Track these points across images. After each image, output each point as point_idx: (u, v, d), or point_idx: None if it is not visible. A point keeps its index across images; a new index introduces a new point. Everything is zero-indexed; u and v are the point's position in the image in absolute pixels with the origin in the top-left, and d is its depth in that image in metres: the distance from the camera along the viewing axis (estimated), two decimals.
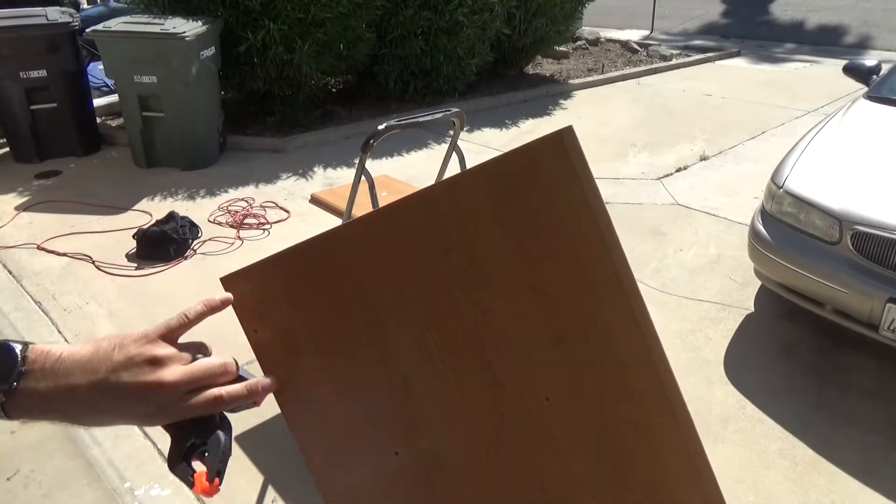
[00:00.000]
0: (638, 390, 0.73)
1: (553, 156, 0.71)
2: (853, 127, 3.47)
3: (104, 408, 0.63)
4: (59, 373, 0.62)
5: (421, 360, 0.74)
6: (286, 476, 2.32)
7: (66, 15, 5.20)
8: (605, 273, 0.71)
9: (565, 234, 0.71)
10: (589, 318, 0.72)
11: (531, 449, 0.74)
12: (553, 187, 0.71)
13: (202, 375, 0.67)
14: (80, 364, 0.63)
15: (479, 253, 0.72)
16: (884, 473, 2.36)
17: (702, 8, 14.22)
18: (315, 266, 0.75)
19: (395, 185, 2.88)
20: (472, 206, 0.72)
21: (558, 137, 0.71)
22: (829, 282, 2.74)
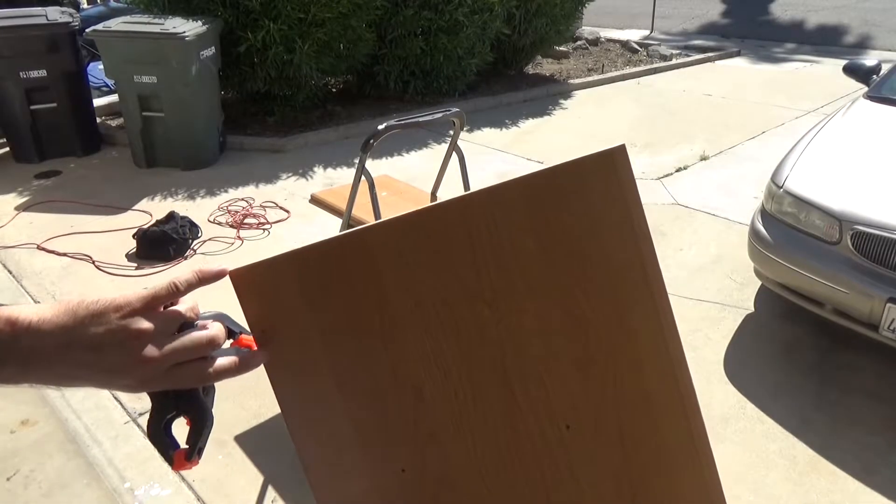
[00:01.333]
0: (664, 427, 0.71)
1: (602, 175, 0.68)
2: (853, 127, 3.47)
3: (83, 377, 0.60)
4: (33, 345, 0.57)
5: (437, 374, 0.70)
6: (286, 476, 2.32)
7: (66, 15, 5.20)
8: (643, 304, 0.68)
9: (606, 259, 0.68)
10: (620, 347, 0.69)
11: (545, 476, 0.71)
12: (598, 208, 0.67)
13: (187, 350, 0.63)
14: (55, 336, 0.58)
15: (511, 268, 0.68)
16: (884, 473, 2.36)
17: (702, 8, 14.22)
18: (334, 266, 0.70)
19: (395, 184, 2.88)
20: (510, 218, 0.67)
21: (609, 156, 0.67)
22: (829, 282, 2.74)
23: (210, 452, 2.53)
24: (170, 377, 0.62)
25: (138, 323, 0.61)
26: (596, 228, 0.68)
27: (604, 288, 0.68)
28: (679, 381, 0.71)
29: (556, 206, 0.67)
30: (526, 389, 0.69)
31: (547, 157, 5.57)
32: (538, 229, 0.67)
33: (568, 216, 0.68)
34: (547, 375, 0.69)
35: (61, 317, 0.59)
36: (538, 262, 0.68)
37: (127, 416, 2.58)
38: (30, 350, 0.57)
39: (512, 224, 0.68)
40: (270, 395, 0.76)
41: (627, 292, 0.68)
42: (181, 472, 2.31)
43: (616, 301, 0.69)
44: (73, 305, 0.60)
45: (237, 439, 2.45)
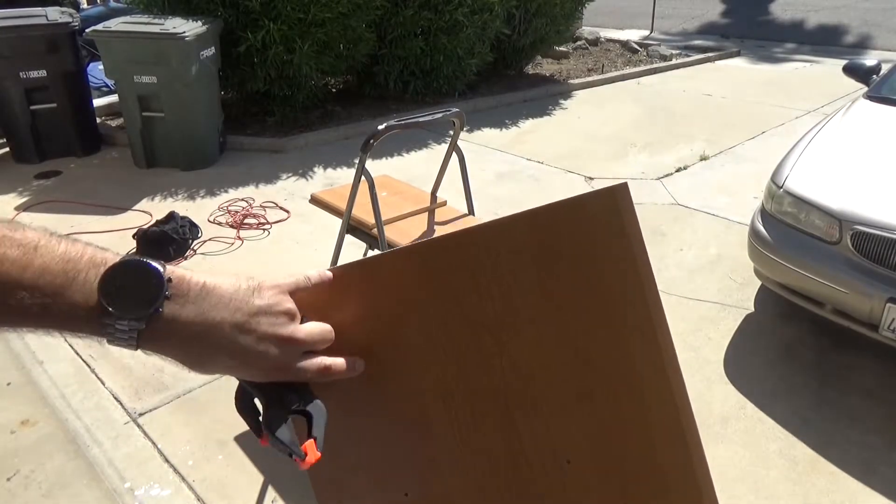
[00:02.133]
0: (666, 461, 0.72)
1: (604, 212, 0.69)
2: (853, 127, 3.47)
3: (237, 351, 0.58)
4: (204, 303, 0.57)
5: (442, 402, 0.72)
6: (286, 476, 2.32)
7: (66, 15, 5.20)
8: (644, 339, 0.70)
9: (609, 295, 0.70)
10: (622, 381, 0.70)
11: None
12: (601, 245, 0.69)
13: (319, 340, 0.64)
14: (224, 299, 0.58)
15: (515, 300, 0.70)
16: (884, 473, 2.36)
17: (702, 8, 14.22)
18: (350, 292, 0.71)
19: (395, 185, 2.88)
20: (514, 251, 0.69)
21: (611, 194, 0.69)
22: (829, 282, 2.74)
23: (210, 452, 2.53)
24: (298, 364, 0.62)
25: (289, 302, 0.62)
26: (598, 264, 0.70)
27: (606, 323, 0.70)
28: (681, 414, 0.73)
29: (559, 242, 0.69)
30: (528, 421, 0.70)
31: (547, 158, 5.58)
32: (542, 262, 0.69)
33: (570, 252, 0.69)
34: (548, 408, 0.70)
35: (227, 281, 0.61)
36: (541, 295, 0.69)
37: (127, 417, 2.58)
38: (199, 303, 0.57)
39: (515, 257, 0.69)
40: None
41: (629, 328, 0.70)
42: (181, 473, 2.31)
43: (618, 336, 0.70)
44: (233, 275, 0.61)
45: (237, 439, 2.45)
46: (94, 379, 2.81)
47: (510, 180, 5.10)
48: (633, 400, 0.71)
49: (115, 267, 0.54)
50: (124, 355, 2.96)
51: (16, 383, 2.79)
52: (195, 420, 2.55)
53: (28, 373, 2.84)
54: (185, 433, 2.48)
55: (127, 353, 2.96)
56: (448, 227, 2.51)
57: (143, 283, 0.55)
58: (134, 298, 0.54)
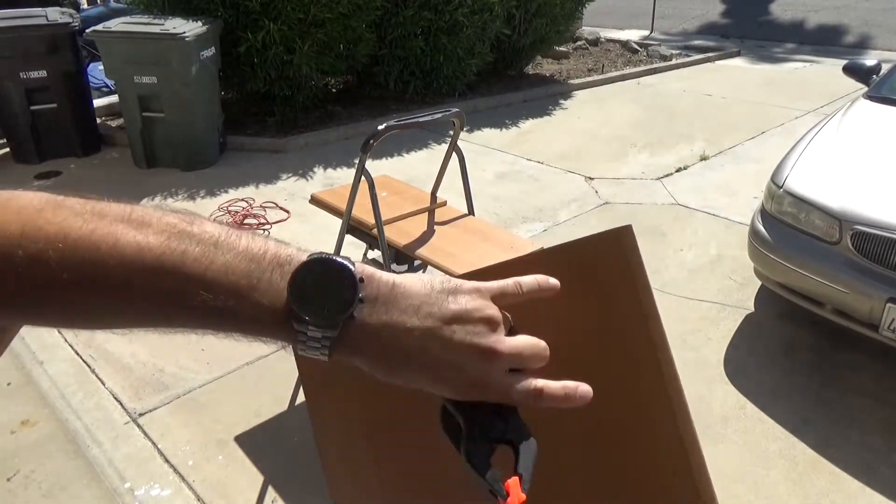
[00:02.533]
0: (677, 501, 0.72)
1: (609, 254, 0.67)
2: (853, 127, 3.47)
3: (427, 362, 0.51)
4: (393, 307, 0.51)
5: None
6: (286, 476, 2.32)
7: (66, 15, 5.20)
8: (651, 381, 0.69)
9: (614, 336, 0.68)
10: (630, 423, 0.69)
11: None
12: (606, 287, 0.68)
13: (529, 356, 0.54)
14: (414, 303, 0.51)
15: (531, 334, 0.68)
16: (884, 473, 2.36)
17: (702, 8, 14.22)
18: None
19: (395, 185, 2.88)
20: None
21: (615, 237, 0.67)
22: (829, 282, 2.74)
23: (210, 452, 2.53)
24: (504, 383, 0.53)
25: (490, 309, 0.54)
26: (604, 306, 0.68)
27: (612, 365, 0.68)
28: (690, 455, 0.71)
29: (563, 284, 0.66)
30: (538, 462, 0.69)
31: (547, 158, 5.58)
32: (546, 305, 0.66)
33: (575, 294, 0.67)
34: (559, 448, 0.67)
35: (417, 281, 0.53)
36: (547, 336, 0.64)
37: (127, 417, 2.58)
38: (391, 306, 0.51)
39: None
40: (270, 395, 0.77)
41: (636, 370, 0.68)
42: (181, 473, 2.31)
43: (624, 378, 0.69)
44: (424, 276, 0.54)
45: (237, 439, 2.45)
46: (94, 379, 2.81)
47: (510, 180, 5.10)
48: (642, 441, 0.70)
49: (304, 266, 0.49)
50: (124, 355, 2.96)
51: (16, 383, 2.79)
52: (195, 420, 2.55)
53: (28, 373, 2.84)
54: (185, 433, 2.48)
55: (127, 352, 2.96)
56: (448, 226, 2.51)
57: (335, 284, 0.49)
58: (327, 302, 0.49)
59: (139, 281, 0.46)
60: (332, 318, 0.49)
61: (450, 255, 2.28)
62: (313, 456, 2.08)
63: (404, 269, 2.63)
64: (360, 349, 0.50)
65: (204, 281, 0.47)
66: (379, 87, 6.81)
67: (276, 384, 2.75)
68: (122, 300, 0.47)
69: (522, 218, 4.43)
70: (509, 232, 2.90)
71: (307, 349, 0.50)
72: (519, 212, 4.52)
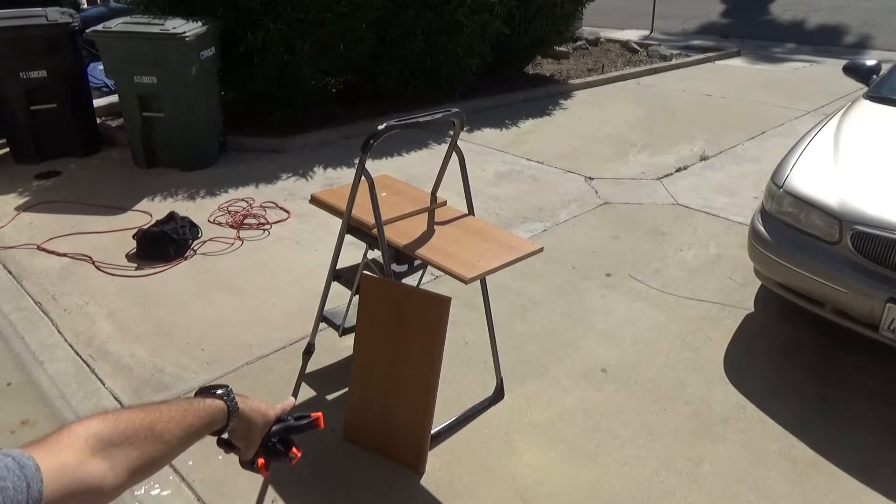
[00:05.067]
0: None
1: (429, 311, 2.27)
2: (853, 127, 3.47)
3: None
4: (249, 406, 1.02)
5: (391, 352, 2.35)
6: (286, 476, 2.32)
7: (66, 15, 5.20)
8: (426, 372, 2.30)
9: (417, 349, 2.31)
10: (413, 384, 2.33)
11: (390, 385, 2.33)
12: (423, 324, 2.28)
13: None
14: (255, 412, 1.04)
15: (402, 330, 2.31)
16: (884, 473, 2.36)
17: (702, 8, 14.21)
18: None
19: (395, 185, 2.88)
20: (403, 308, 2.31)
21: (440, 302, 2.23)
22: (829, 282, 2.74)
23: (210, 452, 2.53)
24: None
25: None
26: (416, 335, 2.32)
27: (415, 360, 2.32)
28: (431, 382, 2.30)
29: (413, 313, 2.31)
30: (393, 360, 2.36)
31: (547, 158, 5.58)
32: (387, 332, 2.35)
33: (410, 324, 2.32)
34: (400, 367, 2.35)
35: None
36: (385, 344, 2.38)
37: None
38: None
39: None
40: (270, 395, 0.78)
41: (422, 364, 2.31)
42: (181, 473, 2.32)
43: (417, 366, 2.31)
44: None
45: None
46: (94, 379, 2.81)
47: (510, 180, 5.10)
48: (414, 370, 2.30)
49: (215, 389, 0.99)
50: (124, 355, 2.96)
51: (16, 383, 2.79)
52: None
53: (28, 373, 2.84)
54: None
55: (127, 352, 2.96)
56: (448, 226, 2.51)
57: None
58: None
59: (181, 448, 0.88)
60: None
61: (450, 255, 2.28)
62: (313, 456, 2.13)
63: (404, 268, 2.63)
64: None
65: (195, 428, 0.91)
66: (379, 87, 6.81)
67: (276, 384, 2.75)
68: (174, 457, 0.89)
69: (522, 218, 4.43)
70: (509, 232, 2.90)
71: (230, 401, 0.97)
72: (519, 212, 4.52)
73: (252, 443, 1.03)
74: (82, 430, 0.75)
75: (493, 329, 2.72)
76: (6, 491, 0.61)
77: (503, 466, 2.39)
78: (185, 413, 0.87)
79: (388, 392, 2.37)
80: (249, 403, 1.00)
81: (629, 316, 3.32)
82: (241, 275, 3.67)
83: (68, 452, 0.72)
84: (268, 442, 1.06)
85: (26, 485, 0.63)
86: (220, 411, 0.93)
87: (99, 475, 0.73)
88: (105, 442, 0.76)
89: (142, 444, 0.79)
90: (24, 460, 0.66)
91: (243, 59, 5.67)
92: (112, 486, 0.75)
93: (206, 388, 0.97)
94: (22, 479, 0.63)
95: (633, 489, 2.29)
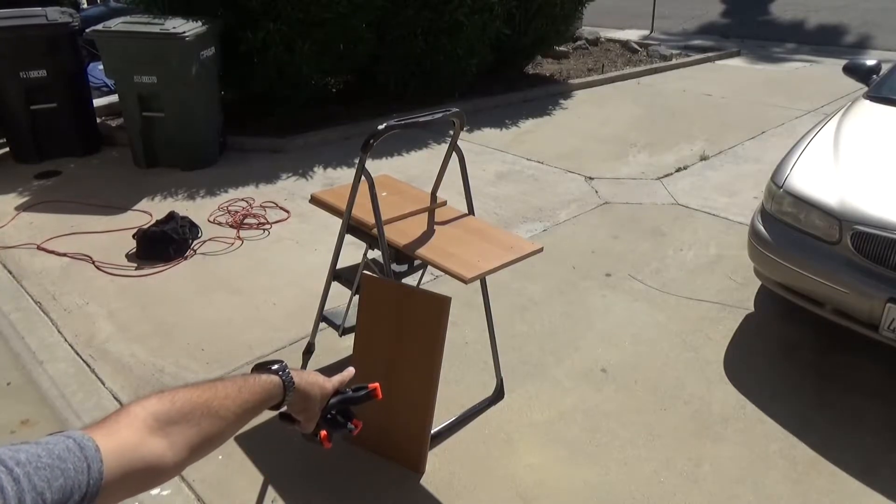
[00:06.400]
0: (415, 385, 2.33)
1: (431, 310, 2.28)
2: (853, 127, 3.47)
3: None
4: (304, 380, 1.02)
5: (391, 352, 2.37)
6: (286, 476, 2.32)
7: (66, 15, 5.19)
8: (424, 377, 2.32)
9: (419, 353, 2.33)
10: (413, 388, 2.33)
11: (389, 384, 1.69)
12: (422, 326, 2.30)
13: None
14: None
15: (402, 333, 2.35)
16: (884, 473, 2.36)
17: (702, 8, 14.21)
18: None
19: (395, 184, 2.88)
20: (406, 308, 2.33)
21: (440, 302, 2.24)
22: (829, 282, 2.74)
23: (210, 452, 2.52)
24: None
25: None
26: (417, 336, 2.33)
27: (415, 365, 2.34)
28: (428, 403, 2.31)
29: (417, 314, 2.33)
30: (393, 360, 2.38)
31: (547, 158, 5.58)
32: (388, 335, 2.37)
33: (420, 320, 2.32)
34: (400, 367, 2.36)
35: None
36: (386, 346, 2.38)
37: None
38: None
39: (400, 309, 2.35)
40: None
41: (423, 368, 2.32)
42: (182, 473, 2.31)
43: (416, 371, 2.33)
44: None
45: (237, 439, 2.45)
46: (94, 379, 2.81)
47: (510, 180, 5.10)
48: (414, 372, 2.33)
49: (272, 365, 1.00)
50: (124, 355, 2.96)
51: (16, 383, 2.79)
52: None
53: (28, 373, 2.84)
54: None
55: (127, 352, 2.96)
56: (448, 226, 2.51)
57: None
58: None
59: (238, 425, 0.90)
60: None
61: (450, 255, 2.28)
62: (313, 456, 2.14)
63: (404, 268, 2.63)
64: None
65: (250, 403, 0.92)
66: (379, 87, 6.81)
67: None
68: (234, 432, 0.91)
69: (522, 218, 4.43)
70: (509, 232, 2.90)
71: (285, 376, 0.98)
72: (519, 212, 4.52)
73: (312, 416, 1.04)
74: (140, 410, 0.76)
75: (493, 329, 2.72)
76: (67, 472, 0.63)
77: (503, 466, 2.39)
78: (241, 389, 0.89)
79: (388, 392, 2.36)
80: (305, 377, 1.01)
81: (629, 316, 3.32)
82: (241, 275, 3.67)
83: (127, 432, 0.73)
84: (327, 414, 1.08)
85: (87, 465, 0.65)
86: (275, 386, 0.95)
87: (159, 453, 0.75)
88: (163, 420, 0.77)
89: (199, 421, 0.81)
90: (84, 441, 0.67)
91: (243, 59, 5.67)
92: (173, 464, 0.77)
93: (261, 364, 0.98)
94: (82, 460, 0.65)
95: (633, 489, 2.29)
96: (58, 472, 0.62)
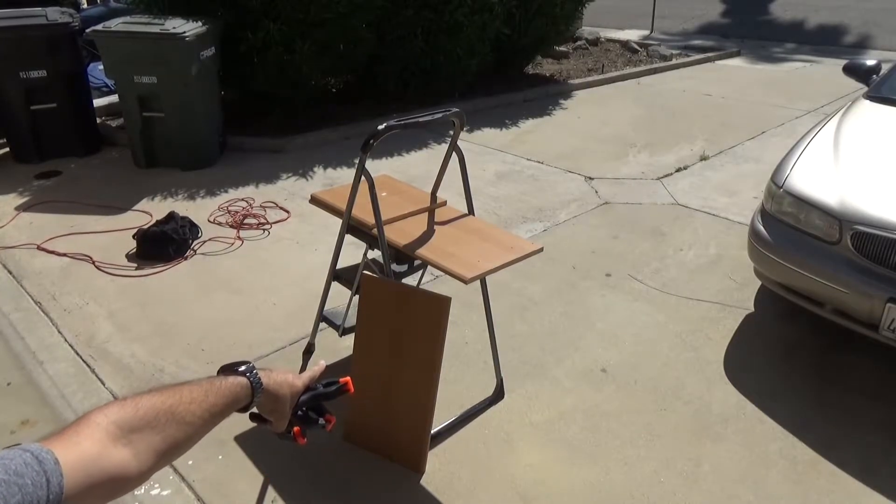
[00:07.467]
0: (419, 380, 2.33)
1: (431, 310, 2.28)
2: (853, 127, 3.47)
3: None
4: None
5: (391, 352, 2.37)
6: (286, 476, 2.32)
7: (66, 15, 5.20)
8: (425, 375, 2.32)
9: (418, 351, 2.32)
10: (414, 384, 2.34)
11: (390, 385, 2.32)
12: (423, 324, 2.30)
13: None
14: None
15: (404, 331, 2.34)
16: (884, 473, 2.36)
17: (702, 8, 14.21)
18: None
19: (395, 185, 2.88)
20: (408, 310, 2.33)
21: (439, 302, 2.23)
22: (829, 282, 2.74)
23: (210, 452, 2.53)
24: None
25: None
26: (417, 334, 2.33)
27: (416, 362, 2.32)
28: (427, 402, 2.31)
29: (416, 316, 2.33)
30: (393, 360, 2.38)
31: (547, 158, 5.57)
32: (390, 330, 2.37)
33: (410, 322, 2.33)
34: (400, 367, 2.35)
35: None
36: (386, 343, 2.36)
37: None
38: None
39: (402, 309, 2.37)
40: None
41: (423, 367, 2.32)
42: (181, 473, 2.32)
43: (418, 369, 2.32)
44: None
45: (237, 439, 2.45)
46: (94, 379, 2.81)
47: (510, 180, 5.10)
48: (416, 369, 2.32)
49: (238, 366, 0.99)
50: (124, 355, 2.96)
51: (16, 383, 2.79)
52: None
53: (28, 373, 2.84)
54: None
55: (127, 352, 2.96)
56: (448, 226, 2.51)
57: None
58: None
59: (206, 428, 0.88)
60: None
61: (450, 255, 2.28)
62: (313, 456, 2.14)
63: (404, 268, 2.63)
64: None
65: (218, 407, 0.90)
66: (379, 88, 6.80)
67: None
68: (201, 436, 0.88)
69: (522, 218, 4.43)
70: (509, 232, 2.90)
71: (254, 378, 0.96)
72: (519, 212, 4.52)
73: (282, 415, 1.02)
74: (101, 419, 0.74)
75: (493, 329, 2.72)
76: (25, 488, 0.60)
77: (503, 466, 2.39)
78: (207, 393, 0.87)
79: (389, 392, 2.36)
80: (273, 376, 0.99)
81: (629, 316, 3.32)
82: (241, 275, 3.67)
83: (88, 443, 0.71)
84: (298, 411, 1.06)
85: (45, 480, 0.63)
86: (243, 388, 0.93)
87: (122, 463, 0.73)
88: (126, 428, 0.75)
89: (164, 428, 0.79)
90: (42, 454, 0.65)
91: (243, 58, 5.67)
92: (138, 472, 0.75)
93: (227, 365, 0.96)
94: (41, 475, 0.62)
95: (633, 489, 2.29)
96: (14, 489, 0.59)
